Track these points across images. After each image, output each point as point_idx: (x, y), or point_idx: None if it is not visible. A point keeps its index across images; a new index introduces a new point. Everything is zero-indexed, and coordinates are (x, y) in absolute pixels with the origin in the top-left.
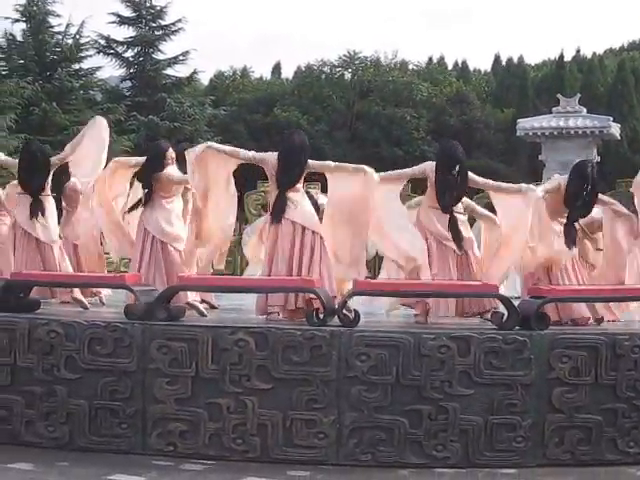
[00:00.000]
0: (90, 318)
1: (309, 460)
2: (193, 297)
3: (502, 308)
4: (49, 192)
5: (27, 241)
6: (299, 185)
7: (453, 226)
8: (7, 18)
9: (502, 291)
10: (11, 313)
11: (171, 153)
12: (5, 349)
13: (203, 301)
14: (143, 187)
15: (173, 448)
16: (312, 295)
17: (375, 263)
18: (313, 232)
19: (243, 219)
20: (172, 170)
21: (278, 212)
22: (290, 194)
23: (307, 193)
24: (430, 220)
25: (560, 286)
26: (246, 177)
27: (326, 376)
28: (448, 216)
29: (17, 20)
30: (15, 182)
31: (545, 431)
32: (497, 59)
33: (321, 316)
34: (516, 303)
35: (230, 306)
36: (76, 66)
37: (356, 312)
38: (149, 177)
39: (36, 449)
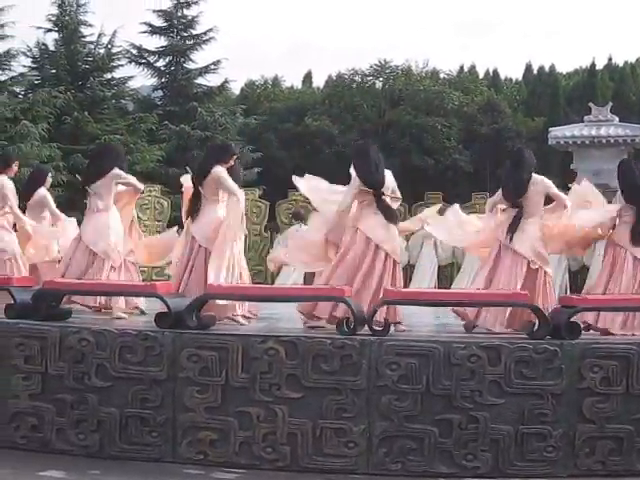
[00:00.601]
0: (121, 326)
1: (339, 469)
2: (240, 311)
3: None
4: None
5: (82, 253)
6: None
7: (514, 221)
8: (39, 28)
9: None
10: (43, 321)
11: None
12: (36, 357)
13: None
14: (195, 185)
15: (203, 457)
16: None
17: (407, 272)
18: (382, 250)
19: (275, 228)
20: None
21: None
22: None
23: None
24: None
25: (591, 295)
26: (277, 186)
27: (356, 385)
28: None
29: (49, 30)
30: None
31: (576, 441)
32: (528, 68)
33: (351, 325)
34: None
35: (261, 315)
36: (108, 75)
37: (386, 321)
38: (207, 173)
39: (67, 457)
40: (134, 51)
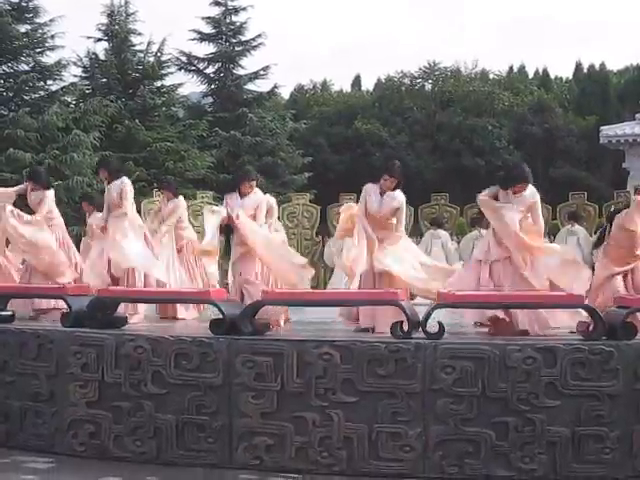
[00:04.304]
0: (176, 333)
1: (395, 473)
2: None
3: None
4: None
5: None
6: None
7: None
8: (89, 37)
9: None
10: (98, 329)
11: None
12: (93, 365)
13: None
14: None
15: (259, 462)
16: None
17: None
18: None
19: (326, 232)
20: None
21: None
22: None
23: None
24: None
25: None
26: (328, 190)
27: (411, 389)
28: None
29: (99, 39)
30: None
31: (633, 442)
32: (578, 66)
33: (405, 329)
34: None
35: (315, 319)
36: (158, 83)
37: (440, 324)
38: None
39: (124, 463)
40: (183, 58)
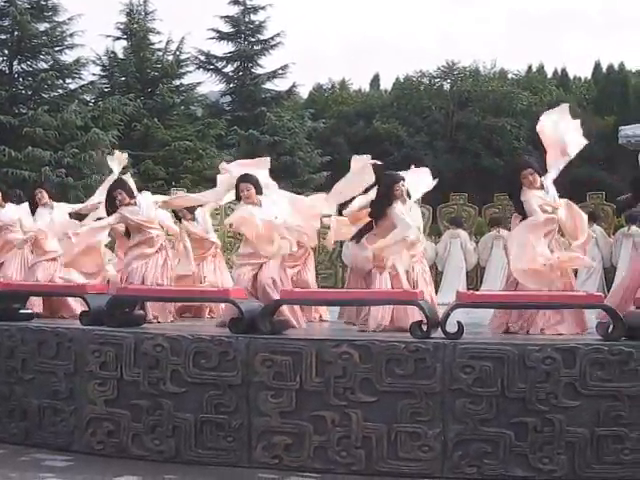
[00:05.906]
0: (195, 332)
1: (414, 473)
2: None
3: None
4: None
5: None
6: None
7: None
8: (108, 36)
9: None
10: (117, 328)
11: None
12: (112, 363)
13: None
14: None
15: (278, 461)
16: None
17: (477, 274)
18: None
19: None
20: None
21: None
22: None
23: None
24: None
25: None
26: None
27: (430, 389)
28: None
29: (118, 38)
30: None
31: None
32: (597, 66)
33: (425, 328)
34: None
35: (334, 319)
36: (177, 82)
37: (459, 324)
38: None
39: (143, 462)
40: (202, 57)
